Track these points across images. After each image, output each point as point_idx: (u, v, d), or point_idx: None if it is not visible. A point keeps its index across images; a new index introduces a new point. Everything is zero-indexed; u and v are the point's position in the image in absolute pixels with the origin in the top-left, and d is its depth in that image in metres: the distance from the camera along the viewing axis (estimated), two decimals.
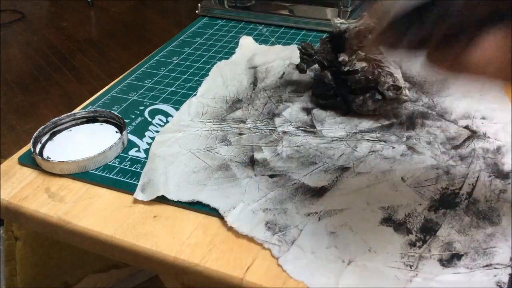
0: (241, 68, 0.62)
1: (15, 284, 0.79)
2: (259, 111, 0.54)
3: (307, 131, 0.50)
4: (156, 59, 0.68)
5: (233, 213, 0.41)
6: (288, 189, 0.43)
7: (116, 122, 0.54)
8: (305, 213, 0.41)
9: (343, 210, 0.41)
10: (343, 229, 0.39)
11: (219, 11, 0.79)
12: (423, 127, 0.50)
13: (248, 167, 0.46)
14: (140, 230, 0.42)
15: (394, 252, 0.37)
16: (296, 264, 0.37)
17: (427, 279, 0.35)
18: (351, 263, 0.36)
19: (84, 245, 0.44)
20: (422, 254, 0.36)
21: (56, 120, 0.53)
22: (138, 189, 0.45)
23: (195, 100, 0.56)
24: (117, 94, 0.60)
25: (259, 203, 0.42)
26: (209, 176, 0.45)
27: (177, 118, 0.54)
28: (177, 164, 0.47)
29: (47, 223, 0.44)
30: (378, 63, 0.50)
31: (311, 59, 0.54)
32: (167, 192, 0.44)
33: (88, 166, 0.48)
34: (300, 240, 0.38)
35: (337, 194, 0.42)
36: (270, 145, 0.49)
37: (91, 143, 0.51)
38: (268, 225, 0.40)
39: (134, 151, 0.50)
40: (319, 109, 0.53)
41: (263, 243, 0.39)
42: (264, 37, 0.71)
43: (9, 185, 0.48)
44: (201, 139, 0.50)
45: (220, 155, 0.48)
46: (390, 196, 0.42)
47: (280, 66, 0.62)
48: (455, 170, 0.44)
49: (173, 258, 0.39)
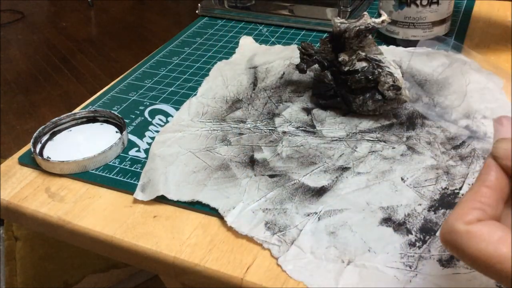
0: (241, 68, 0.62)
1: (15, 284, 0.79)
2: (259, 111, 0.54)
3: (307, 131, 0.50)
4: (156, 59, 0.68)
5: (233, 213, 0.41)
6: (288, 189, 0.43)
7: (116, 122, 0.54)
8: (304, 213, 0.41)
9: (343, 210, 0.41)
10: (343, 229, 0.39)
11: (219, 11, 0.79)
12: (423, 127, 0.50)
13: (248, 167, 0.46)
14: (140, 230, 0.42)
15: (394, 252, 0.37)
16: (296, 264, 0.37)
17: (427, 279, 0.35)
18: (351, 263, 0.36)
19: (84, 245, 0.44)
20: (421, 255, 0.36)
21: (56, 120, 0.53)
22: (138, 189, 0.45)
23: (195, 100, 0.56)
24: (117, 94, 0.60)
25: (259, 203, 0.42)
26: (209, 176, 0.45)
27: (177, 118, 0.54)
28: (177, 164, 0.47)
29: (47, 223, 0.44)
30: (378, 63, 0.50)
31: (311, 59, 0.54)
32: (167, 192, 0.44)
33: (88, 166, 0.48)
34: (300, 240, 0.38)
35: (337, 194, 0.42)
36: (270, 145, 0.49)
37: (91, 143, 0.51)
38: (268, 225, 0.40)
39: (134, 151, 0.50)
40: (319, 109, 0.53)
41: (262, 243, 0.39)
42: (264, 37, 0.71)
43: (9, 185, 0.48)
44: (201, 139, 0.50)
45: (220, 155, 0.48)
46: (390, 196, 0.42)
47: (280, 66, 0.62)
48: (455, 170, 0.44)
49: (173, 258, 0.39)
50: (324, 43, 0.54)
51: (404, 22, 0.62)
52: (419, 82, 0.57)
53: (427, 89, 0.56)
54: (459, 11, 0.73)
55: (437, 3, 0.60)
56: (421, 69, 0.58)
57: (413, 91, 0.55)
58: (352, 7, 0.72)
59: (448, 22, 0.64)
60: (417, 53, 0.61)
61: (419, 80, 0.57)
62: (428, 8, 0.61)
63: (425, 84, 0.56)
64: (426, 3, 0.60)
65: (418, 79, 0.57)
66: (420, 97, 0.54)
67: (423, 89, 0.56)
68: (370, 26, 0.50)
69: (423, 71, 0.58)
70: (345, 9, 0.72)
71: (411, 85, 0.56)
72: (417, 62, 0.60)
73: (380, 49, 0.52)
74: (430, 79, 0.57)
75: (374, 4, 0.78)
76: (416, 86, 0.56)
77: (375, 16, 0.65)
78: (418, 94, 0.55)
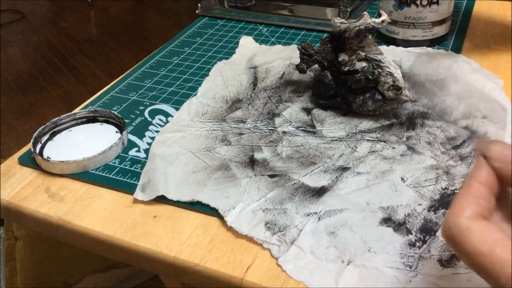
0: (241, 68, 0.62)
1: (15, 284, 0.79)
2: (259, 111, 0.54)
3: (307, 131, 0.50)
4: (156, 59, 0.68)
5: (233, 213, 0.41)
6: (288, 189, 0.43)
7: (116, 122, 0.54)
8: (304, 213, 0.41)
9: (343, 210, 0.41)
10: (343, 229, 0.39)
11: (219, 11, 0.79)
12: (423, 127, 0.50)
13: (248, 167, 0.46)
14: (140, 230, 0.42)
15: (394, 252, 0.37)
16: (296, 264, 0.37)
17: (427, 279, 0.35)
18: (351, 263, 0.36)
19: (84, 245, 0.44)
20: (421, 255, 0.36)
21: (56, 120, 0.53)
22: (138, 189, 0.45)
23: (195, 100, 0.56)
24: (117, 94, 0.60)
25: (259, 203, 0.42)
26: (209, 176, 0.45)
27: (177, 118, 0.54)
28: (177, 164, 0.47)
29: (47, 223, 0.44)
30: (378, 63, 0.50)
31: (311, 59, 0.54)
32: (167, 192, 0.44)
33: (88, 166, 0.48)
34: (300, 240, 0.38)
35: (336, 194, 0.42)
36: (270, 145, 0.49)
37: (91, 143, 0.51)
38: (268, 225, 0.40)
39: (134, 151, 0.50)
40: (319, 109, 0.53)
41: (262, 243, 0.39)
42: (264, 37, 0.71)
43: (9, 185, 0.48)
44: (201, 139, 0.50)
45: (220, 155, 0.48)
46: (390, 196, 0.42)
47: (280, 66, 0.62)
48: (455, 170, 0.44)
49: (173, 258, 0.39)
50: (324, 43, 0.54)
51: (404, 22, 0.62)
52: (419, 82, 0.57)
53: (427, 89, 0.56)
54: (459, 11, 0.73)
55: (437, 3, 0.60)
56: (421, 69, 0.58)
57: (413, 91, 0.55)
58: (352, 7, 0.72)
59: (448, 22, 0.64)
60: (417, 53, 0.61)
61: (419, 81, 0.57)
62: (428, 8, 0.61)
63: (425, 84, 0.56)
64: (426, 3, 0.60)
65: (418, 79, 0.57)
66: (420, 97, 0.54)
67: (423, 89, 0.56)
68: (370, 26, 0.50)
69: (423, 71, 0.58)
70: (345, 9, 0.72)
71: (411, 85, 0.56)
72: (417, 62, 0.60)
73: (380, 49, 0.52)
74: (430, 79, 0.57)
75: (374, 4, 0.78)
76: (416, 86, 0.56)
77: (375, 16, 0.65)
78: (418, 94, 0.55)
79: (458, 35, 0.67)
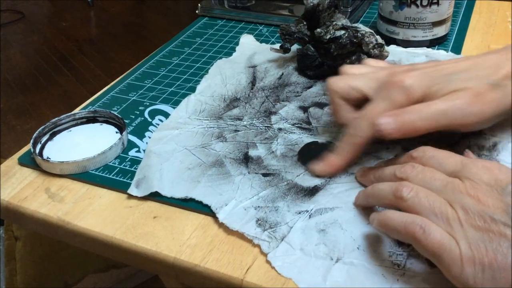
0: (240, 67, 0.62)
1: (15, 284, 0.79)
2: (256, 109, 0.54)
3: (303, 128, 0.50)
4: (156, 59, 0.68)
5: (225, 209, 0.41)
6: (281, 188, 0.43)
7: (116, 122, 0.54)
8: (296, 211, 0.41)
9: (334, 208, 0.41)
10: (333, 227, 0.39)
11: (219, 11, 0.79)
12: None
13: (242, 164, 0.46)
14: (140, 230, 0.42)
15: (382, 250, 0.37)
16: (285, 261, 0.37)
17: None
18: (339, 260, 0.36)
19: (84, 246, 0.44)
20: (410, 253, 0.36)
21: (56, 120, 0.53)
22: (133, 185, 0.45)
23: (193, 97, 0.57)
24: (117, 94, 0.60)
25: (251, 201, 0.42)
26: (203, 173, 0.45)
27: (175, 116, 0.54)
28: (172, 160, 0.47)
29: (47, 223, 0.44)
30: (355, 28, 0.55)
31: (293, 37, 0.59)
32: (161, 188, 0.44)
33: (88, 166, 0.48)
34: (290, 237, 0.38)
35: (329, 193, 0.42)
36: (265, 142, 0.49)
37: (91, 143, 0.51)
38: (259, 222, 0.40)
39: (134, 151, 0.50)
40: (316, 107, 0.53)
41: (253, 239, 0.39)
42: (264, 37, 0.71)
43: (9, 185, 0.48)
44: (197, 136, 0.50)
45: (215, 151, 0.48)
46: None
47: (279, 66, 0.62)
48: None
49: (173, 258, 0.39)
50: (299, 21, 0.58)
51: (404, 23, 0.62)
52: None
53: None
54: (459, 11, 0.73)
55: (437, 4, 0.60)
56: None
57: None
58: (352, 7, 0.72)
59: (448, 23, 0.64)
60: (418, 53, 0.61)
61: None
62: (428, 9, 0.61)
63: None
64: (426, 3, 0.60)
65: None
66: None
67: None
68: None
69: None
70: (345, 9, 0.72)
71: None
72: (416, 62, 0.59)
73: (349, 21, 0.56)
74: None
75: (374, 4, 0.78)
76: None
77: (375, 16, 0.65)
78: None
79: (458, 35, 0.67)
